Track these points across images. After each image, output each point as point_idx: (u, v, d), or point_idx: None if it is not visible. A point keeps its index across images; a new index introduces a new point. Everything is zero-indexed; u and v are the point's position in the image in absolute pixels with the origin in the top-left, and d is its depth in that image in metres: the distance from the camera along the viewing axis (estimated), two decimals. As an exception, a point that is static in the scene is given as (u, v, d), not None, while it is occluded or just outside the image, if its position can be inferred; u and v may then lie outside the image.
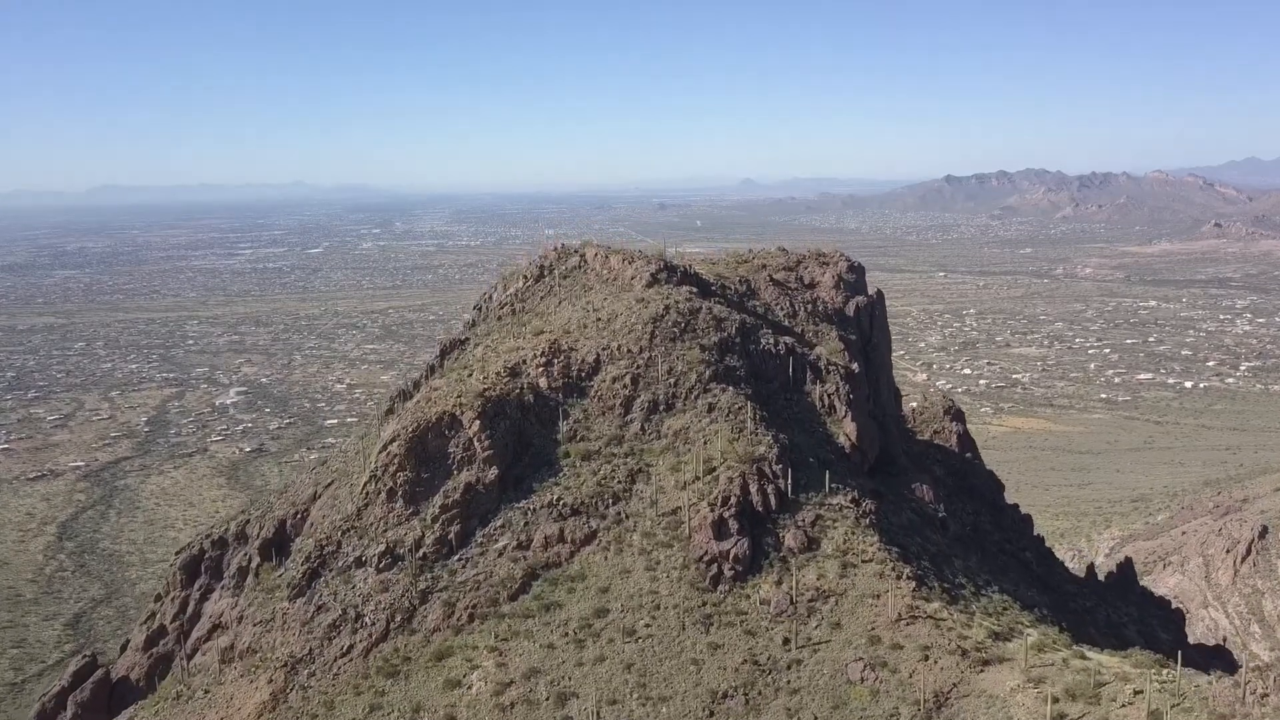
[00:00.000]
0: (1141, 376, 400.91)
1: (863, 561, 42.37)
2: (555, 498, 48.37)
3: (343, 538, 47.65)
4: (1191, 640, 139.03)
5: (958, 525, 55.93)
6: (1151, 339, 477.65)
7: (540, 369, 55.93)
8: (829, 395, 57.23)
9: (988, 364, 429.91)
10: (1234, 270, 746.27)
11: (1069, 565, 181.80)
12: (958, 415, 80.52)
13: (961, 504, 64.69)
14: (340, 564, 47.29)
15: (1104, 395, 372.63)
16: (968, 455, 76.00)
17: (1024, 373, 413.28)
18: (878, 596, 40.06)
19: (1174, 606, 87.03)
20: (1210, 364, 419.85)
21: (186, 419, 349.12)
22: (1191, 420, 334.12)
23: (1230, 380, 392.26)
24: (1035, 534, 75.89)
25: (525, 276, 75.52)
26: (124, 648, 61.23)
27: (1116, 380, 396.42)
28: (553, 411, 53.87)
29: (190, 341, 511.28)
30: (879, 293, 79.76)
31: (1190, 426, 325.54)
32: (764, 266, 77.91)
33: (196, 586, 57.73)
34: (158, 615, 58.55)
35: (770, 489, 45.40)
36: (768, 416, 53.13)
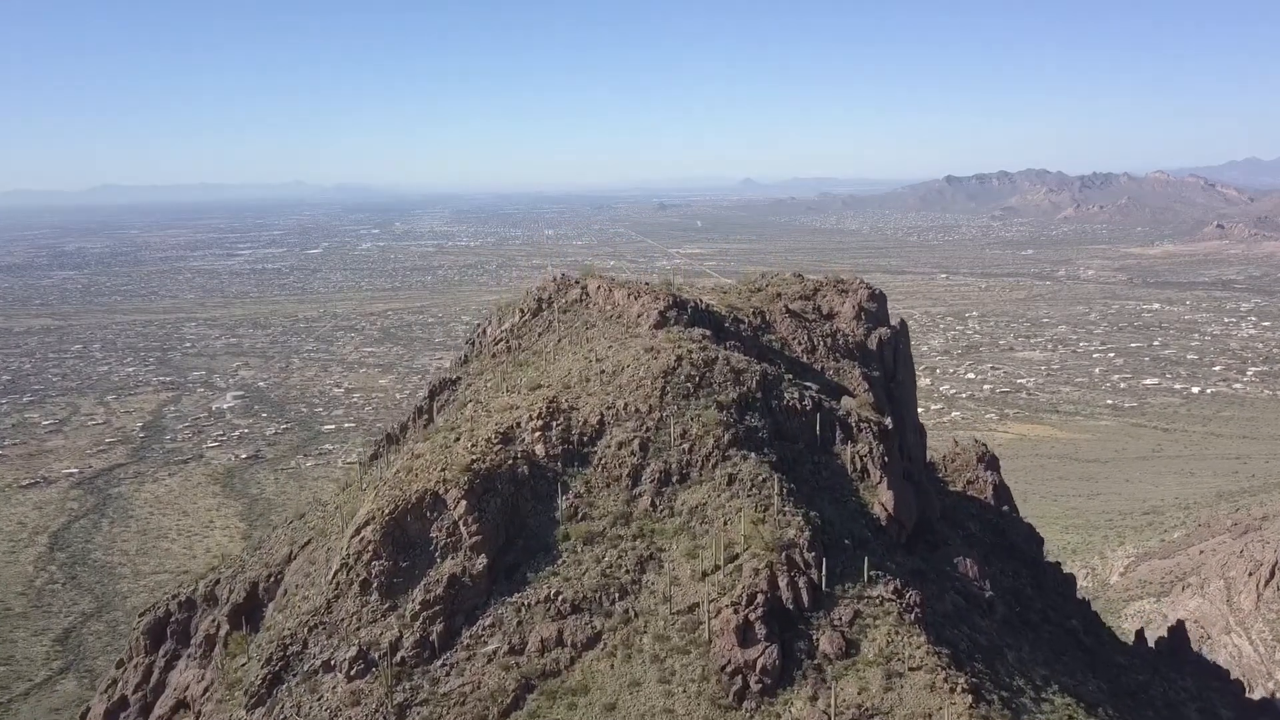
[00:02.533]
0: (1147, 381, 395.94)
1: (910, 669, 36.49)
2: (553, 591, 41.41)
3: (309, 635, 41.23)
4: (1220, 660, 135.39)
5: (1004, 603, 50.82)
6: (1156, 343, 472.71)
7: (537, 434, 49.59)
8: (861, 457, 51.29)
9: (991, 368, 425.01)
10: (1237, 272, 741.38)
11: (1082, 584, 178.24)
12: (992, 463, 75.02)
13: (1000, 565, 59.45)
14: (306, 667, 40.81)
15: (1110, 401, 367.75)
16: (1004, 508, 70.35)
17: (1028, 377, 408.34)
18: (929, 717, 34.74)
19: (1233, 677, 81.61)
20: (1216, 369, 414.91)
21: (182, 424, 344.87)
22: (1200, 427, 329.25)
23: (1237, 386, 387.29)
24: (1081, 598, 70.75)
25: (522, 310, 69.48)
26: (84, 717, 56.43)
27: (1122, 385, 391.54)
28: (550, 484, 47.57)
29: (187, 344, 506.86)
30: (902, 323, 74.52)
31: (1199, 434, 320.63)
32: (779, 295, 72.08)
33: (161, 652, 52.75)
34: (119, 684, 53.70)
35: (802, 582, 39.68)
36: (795, 489, 47.10)
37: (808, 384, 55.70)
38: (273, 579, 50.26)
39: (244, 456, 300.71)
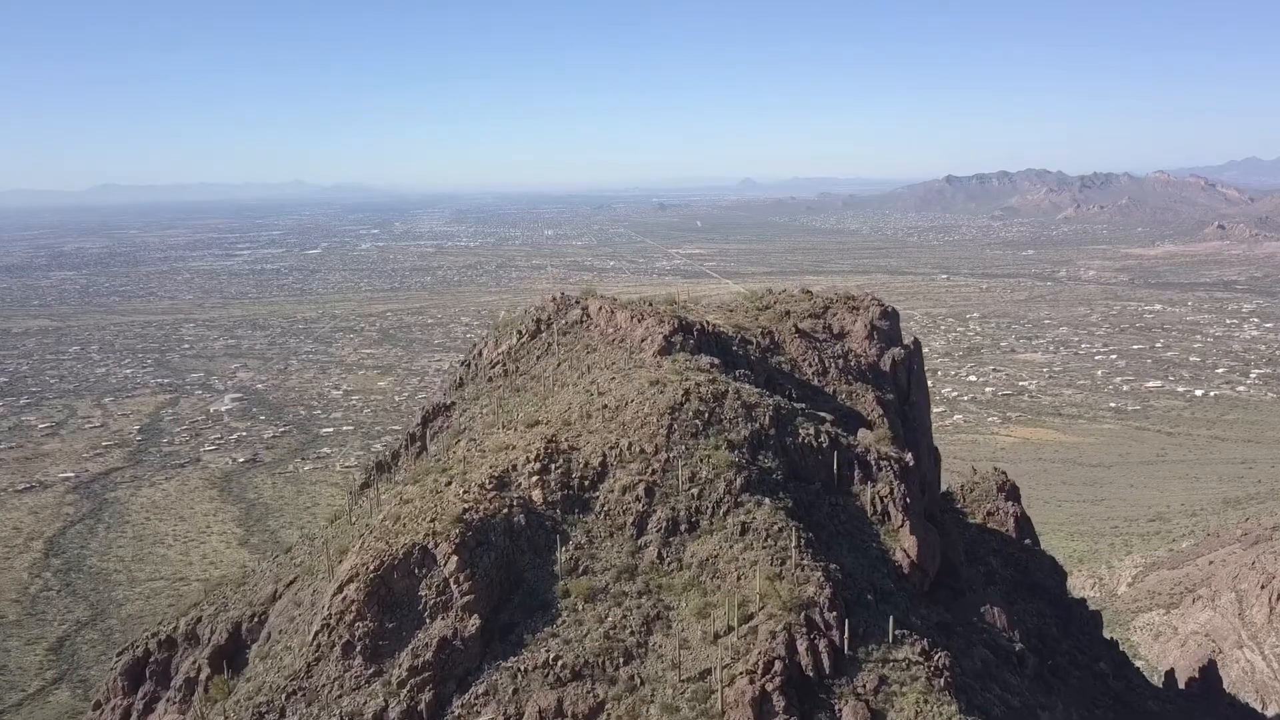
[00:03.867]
0: (1150, 384, 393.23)
1: (942, 743, 34.03)
2: (552, 655, 37.60)
3: (287, 703, 38.14)
4: (1226, 683, 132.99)
5: (1034, 652, 48.09)
6: (1158, 344, 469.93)
7: (534, 477, 46.00)
8: (881, 498, 48.27)
9: (993, 370, 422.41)
10: (1238, 273, 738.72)
11: (1090, 594, 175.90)
12: (1013, 493, 71.70)
13: (1024, 604, 56.72)
14: (285, 739, 38.38)
15: (1113, 404, 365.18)
16: (1026, 542, 67.37)
17: (1030, 379, 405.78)
18: (963, 797, 32.05)
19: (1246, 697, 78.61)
20: (1220, 371, 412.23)
21: (180, 427, 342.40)
22: (1204, 431, 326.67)
23: (1241, 388, 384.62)
24: (1108, 637, 67.89)
25: (519, 332, 66.06)
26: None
27: (1125, 388, 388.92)
28: (549, 534, 44.40)
29: (186, 345, 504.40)
30: (916, 342, 71.65)
31: (1203, 438, 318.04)
32: (788, 314, 68.79)
33: (140, 695, 49.99)
34: (98, 729, 51.15)
35: (823, 645, 36.63)
36: (813, 537, 43.87)
37: (823, 415, 52.31)
38: (256, 619, 47.51)
39: (241, 460, 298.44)
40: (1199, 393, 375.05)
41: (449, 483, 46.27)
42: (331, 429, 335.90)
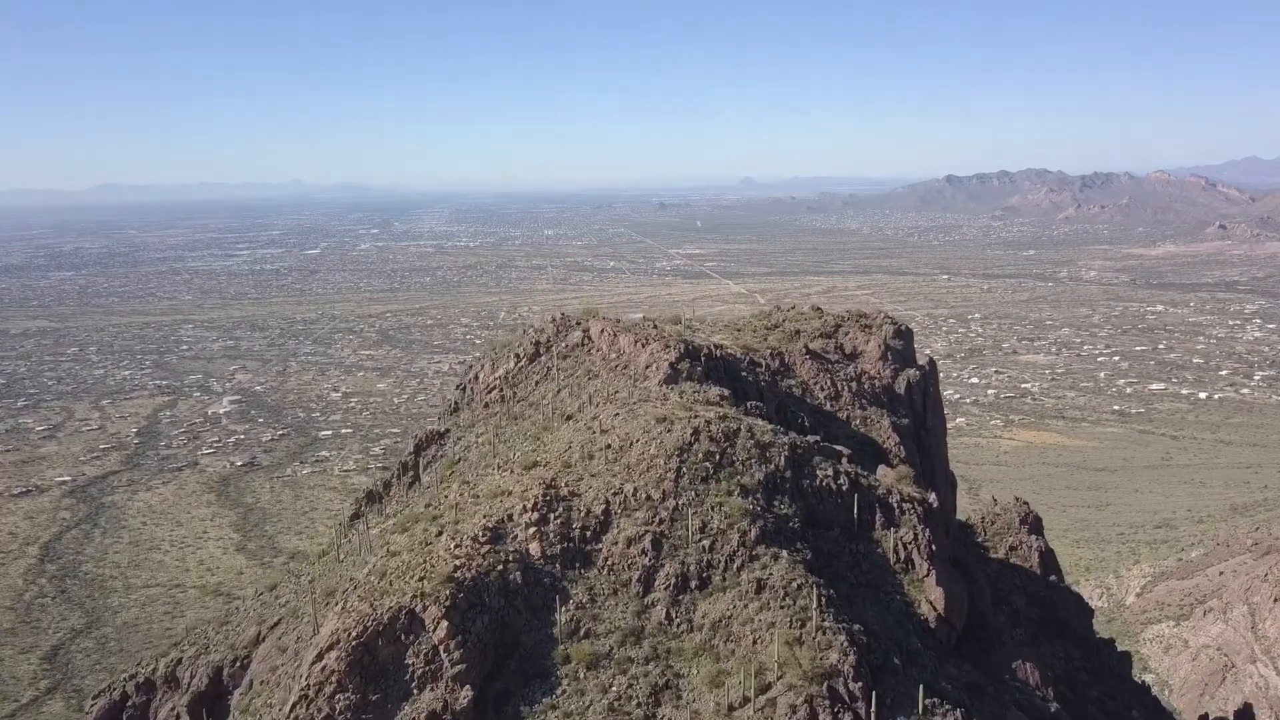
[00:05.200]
0: (1154, 386, 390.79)
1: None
2: None
3: None
4: (1240, 701, 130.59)
5: (1063, 703, 45.30)
6: (1161, 346, 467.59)
7: (532, 528, 42.88)
8: (904, 544, 45.03)
9: (995, 372, 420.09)
10: (1240, 273, 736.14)
11: (1097, 604, 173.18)
12: (1036, 526, 68.11)
13: (1050, 646, 53.93)
14: (261, 826, 35.49)
15: (1116, 407, 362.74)
16: (1052, 578, 64.19)
17: (1033, 382, 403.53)
18: None
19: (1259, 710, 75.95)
20: (1223, 373, 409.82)
21: (178, 430, 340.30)
22: (1209, 435, 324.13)
23: (1245, 391, 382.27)
24: (1140, 681, 65.18)
25: (517, 355, 62.58)
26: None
27: (1128, 390, 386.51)
28: (548, 592, 40.79)
29: (184, 346, 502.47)
30: (931, 362, 68.73)
31: (1209, 442, 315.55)
32: (798, 333, 65.60)
33: (119, 742, 47.66)
34: (73, 777, 48.32)
35: (848, 719, 34.19)
36: (834, 595, 40.33)
37: (839, 449, 48.82)
38: (238, 664, 44.81)
39: (239, 463, 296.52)
40: (1203, 395, 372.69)
41: (439, 533, 43.00)
42: (330, 432, 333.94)
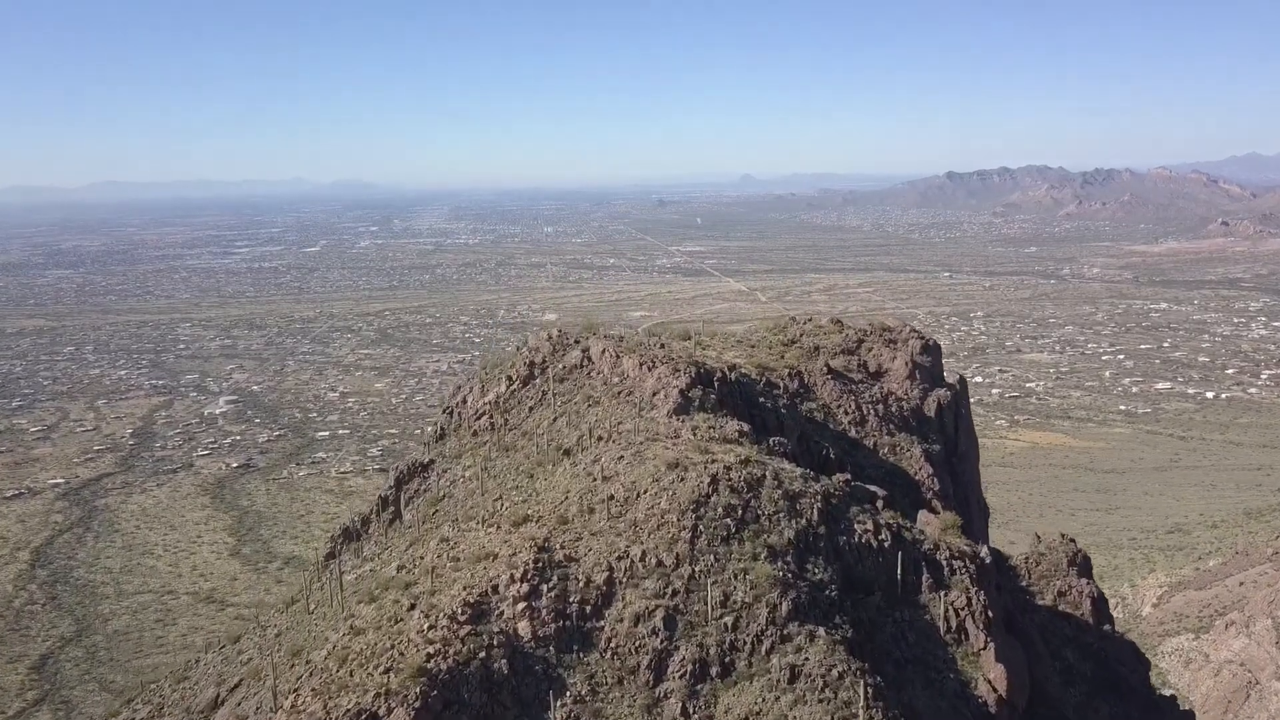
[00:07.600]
0: (1160, 386, 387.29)
1: None
2: None
3: None
4: (1265, 718, 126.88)
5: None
6: (1166, 344, 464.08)
7: (521, 603, 36.58)
8: (956, 611, 38.83)
9: (999, 371, 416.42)
10: (1243, 270, 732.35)
11: (1113, 615, 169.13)
12: (1085, 568, 61.01)
13: (1108, 708, 48.77)
14: None
15: (1123, 406, 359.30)
16: (1105, 627, 58.66)
17: (1037, 381, 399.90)
18: None
19: None
20: (1230, 372, 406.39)
21: (173, 430, 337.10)
22: (1218, 435, 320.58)
23: (1252, 390, 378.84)
24: None
25: (510, 377, 57.28)
26: None
27: (1134, 390, 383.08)
28: (539, 683, 34.57)
29: (181, 346, 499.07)
30: (961, 380, 63.89)
31: (1217, 443, 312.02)
32: (817, 350, 59.91)
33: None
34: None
35: None
36: (879, 680, 34.51)
37: (875, 491, 42.05)
38: (195, 731, 40.88)
39: (235, 465, 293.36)
40: (1210, 395, 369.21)
41: (411, 606, 37.03)
42: (327, 433, 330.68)
